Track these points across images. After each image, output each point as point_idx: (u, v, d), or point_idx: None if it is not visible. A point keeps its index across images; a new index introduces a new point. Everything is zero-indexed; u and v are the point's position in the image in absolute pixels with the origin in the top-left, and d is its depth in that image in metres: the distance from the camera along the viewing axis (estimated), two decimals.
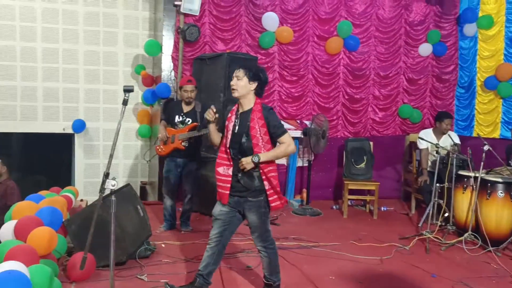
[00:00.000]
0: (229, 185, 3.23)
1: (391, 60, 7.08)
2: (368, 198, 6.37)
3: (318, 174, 6.78)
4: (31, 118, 7.12)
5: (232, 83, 3.19)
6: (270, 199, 3.21)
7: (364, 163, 6.30)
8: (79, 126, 7.16)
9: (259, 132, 3.15)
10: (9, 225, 3.72)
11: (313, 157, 6.48)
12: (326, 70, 6.84)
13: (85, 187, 7.40)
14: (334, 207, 6.60)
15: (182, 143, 4.97)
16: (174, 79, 6.34)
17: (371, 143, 6.55)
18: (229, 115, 3.31)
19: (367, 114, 7.07)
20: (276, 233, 5.23)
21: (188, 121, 5.05)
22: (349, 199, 6.22)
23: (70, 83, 7.20)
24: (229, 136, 3.24)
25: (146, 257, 4.33)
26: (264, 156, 3.12)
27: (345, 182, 6.13)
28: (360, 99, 7.01)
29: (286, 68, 6.66)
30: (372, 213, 6.20)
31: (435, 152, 5.30)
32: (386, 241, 5.02)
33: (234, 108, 3.31)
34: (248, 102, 3.21)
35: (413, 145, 6.82)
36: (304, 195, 6.64)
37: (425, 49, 7.07)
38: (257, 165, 3.11)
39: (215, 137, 3.40)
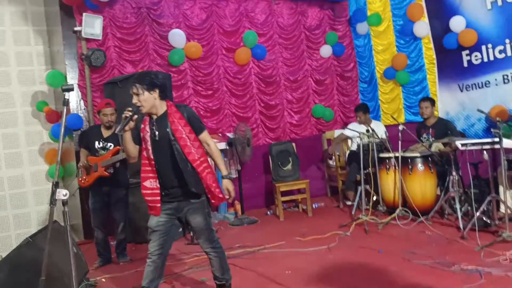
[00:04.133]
0: (158, 198, 3.13)
1: (297, 64, 7.38)
2: (299, 197, 6.49)
3: (247, 184, 6.76)
4: None
5: (134, 101, 3.05)
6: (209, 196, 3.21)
7: (290, 164, 6.43)
8: None
9: (184, 133, 3.08)
10: None
11: (239, 168, 6.47)
12: (239, 81, 6.93)
13: None
14: (268, 212, 6.62)
15: (107, 170, 4.68)
16: (84, 108, 6.00)
17: (294, 144, 6.73)
18: (142, 126, 3.15)
19: (284, 119, 7.26)
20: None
21: (110, 146, 4.78)
22: (282, 202, 6.28)
23: None
24: (150, 147, 3.12)
25: None
26: (224, 169, 3.27)
27: (276, 185, 6.20)
28: (275, 105, 7.19)
29: (200, 83, 6.64)
30: (306, 212, 6.31)
31: (361, 139, 5.60)
32: (327, 231, 5.13)
33: (146, 118, 3.16)
34: (159, 108, 3.12)
35: (330, 143, 7.14)
36: (237, 207, 6.58)
37: (326, 50, 7.50)
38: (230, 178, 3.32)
39: (131, 146, 3.17)
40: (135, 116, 3.05)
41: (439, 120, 6.07)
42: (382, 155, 5.62)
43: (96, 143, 4.82)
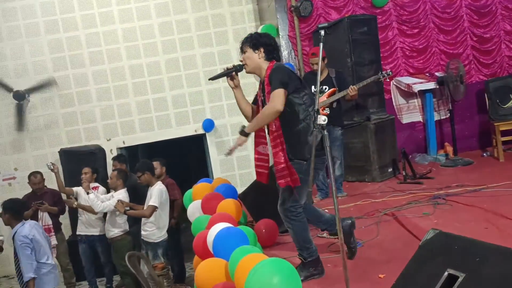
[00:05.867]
0: (266, 165, 3.04)
1: None
2: None
3: (460, 125, 6.41)
4: (166, 126, 7.67)
5: (240, 59, 3.00)
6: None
7: (511, 101, 5.86)
8: (209, 125, 7.58)
9: (267, 100, 2.87)
10: (194, 205, 4.04)
11: (451, 108, 6.18)
12: (448, 15, 6.51)
13: None
14: (484, 154, 6.20)
15: (324, 110, 5.02)
16: (295, 57, 6.45)
17: None
18: (258, 91, 3.07)
19: (501, 52, 6.59)
20: (435, 184, 5.07)
21: (325, 88, 5.09)
22: (502, 142, 5.79)
23: (193, 87, 7.65)
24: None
25: None
26: (249, 127, 2.85)
27: (495, 124, 5.75)
28: (490, 37, 6.56)
29: (405, 22, 6.45)
30: None
31: None
32: None
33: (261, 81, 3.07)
34: (263, 71, 2.96)
35: None
36: (448, 148, 6.35)
37: None
38: (245, 135, 2.86)
39: (241, 104, 3.10)
40: (234, 73, 3.00)
41: None
42: None
43: (313, 87, 5.19)
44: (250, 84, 7.63)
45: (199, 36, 7.61)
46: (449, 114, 6.25)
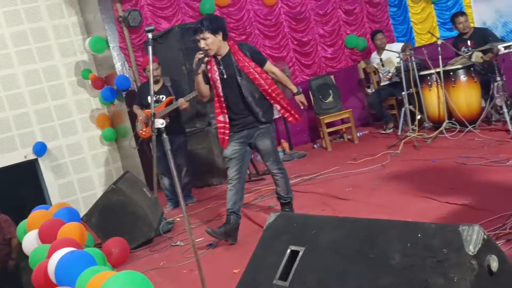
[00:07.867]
0: (228, 131, 3.48)
1: None
2: (344, 127, 6.66)
3: (290, 123, 6.95)
4: None
5: (201, 45, 3.32)
6: (284, 116, 3.61)
7: (331, 96, 6.56)
8: (40, 149, 6.89)
9: (251, 67, 3.38)
10: (30, 236, 3.63)
11: None
12: (270, 22, 7.01)
13: None
14: (315, 146, 6.85)
15: (165, 119, 4.97)
16: (129, 68, 6.26)
17: (332, 76, 6.84)
18: (209, 67, 3.43)
19: (318, 53, 7.34)
20: None
21: (162, 97, 5.06)
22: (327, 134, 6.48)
23: (18, 108, 6.89)
24: (219, 85, 3.41)
25: (169, 231, 4.39)
26: (293, 86, 3.69)
27: (320, 118, 6.39)
28: (308, 41, 7.26)
29: (233, 29, 6.75)
30: (352, 140, 6.50)
31: (382, 66, 5.76)
32: (377, 153, 5.31)
33: (210, 59, 3.41)
34: (223, 49, 3.41)
35: (366, 71, 7.23)
36: (284, 145, 6.84)
37: None
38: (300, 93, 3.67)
39: (203, 87, 3.52)
40: (206, 59, 3.34)
41: (476, 30, 6.01)
42: (422, 72, 5.68)
43: (148, 97, 5.10)
44: (84, 100, 7.20)
45: (18, 52, 6.88)
46: None
